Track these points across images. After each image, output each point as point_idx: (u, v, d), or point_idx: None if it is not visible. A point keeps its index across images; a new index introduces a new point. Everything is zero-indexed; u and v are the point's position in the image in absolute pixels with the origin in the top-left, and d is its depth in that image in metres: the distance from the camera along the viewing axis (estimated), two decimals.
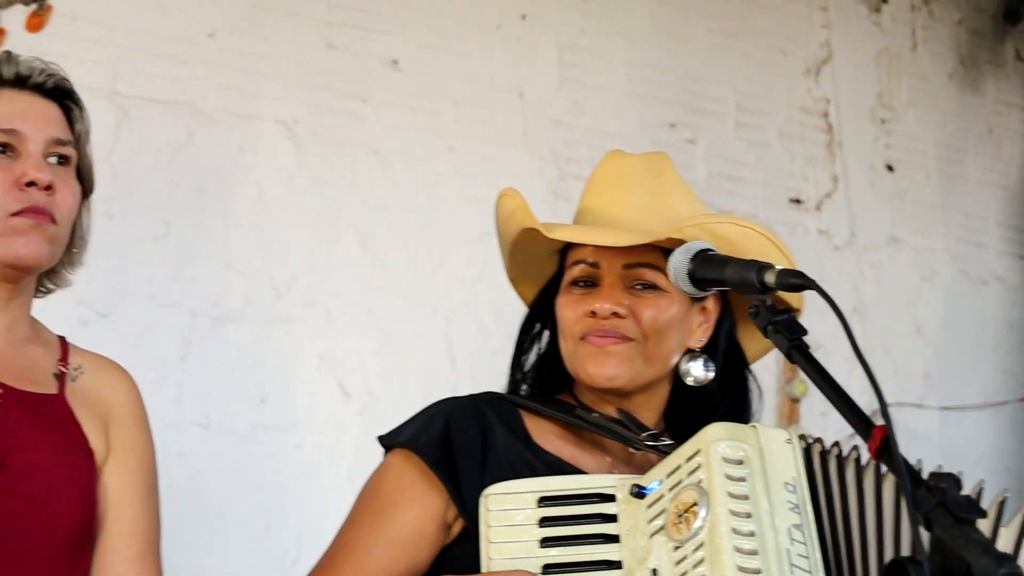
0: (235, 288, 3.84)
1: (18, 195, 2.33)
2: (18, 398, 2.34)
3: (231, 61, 3.91)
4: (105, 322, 3.68)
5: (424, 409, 2.46)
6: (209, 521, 3.74)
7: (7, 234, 2.33)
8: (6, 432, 2.29)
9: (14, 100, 2.39)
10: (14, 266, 2.36)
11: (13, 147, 2.36)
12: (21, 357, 2.41)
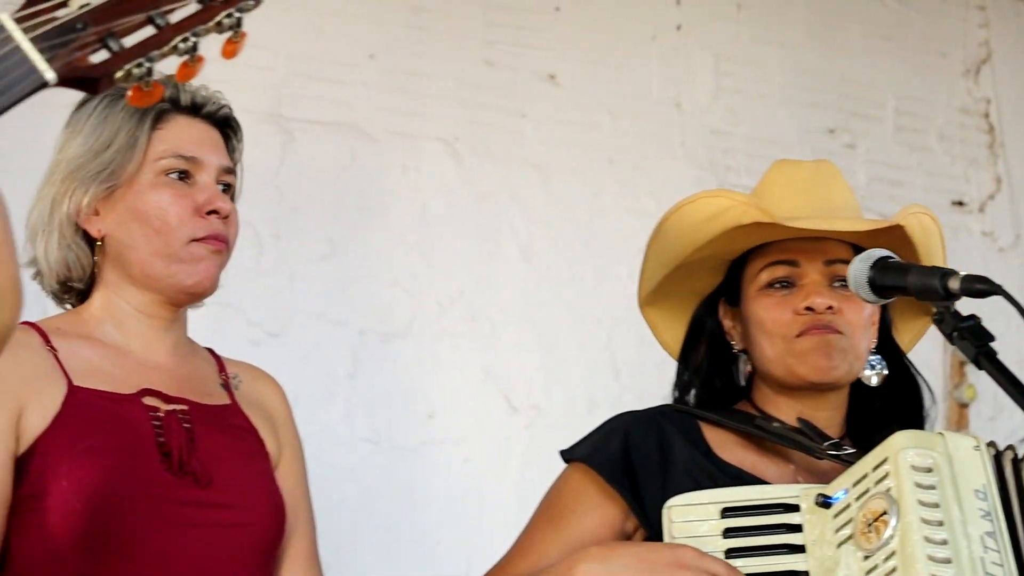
0: (401, 305, 3.86)
1: (200, 222, 2.38)
2: (203, 412, 2.39)
3: (392, 81, 3.93)
4: (275, 342, 3.72)
5: (602, 424, 2.49)
6: (380, 536, 3.76)
7: (187, 260, 2.38)
8: (204, 447, 2.33)
9: (191, 127, 2.44)
10: (190, 292, 2.41)
11: (191, 174, 2.41)
12: (193, 372, 2.46)
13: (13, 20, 1.41)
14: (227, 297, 3.63)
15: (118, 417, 2.30)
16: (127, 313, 2.41)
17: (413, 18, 3.98)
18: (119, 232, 2.38)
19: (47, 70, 1.40)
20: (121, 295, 2.41)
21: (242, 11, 1.50)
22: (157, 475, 2.26)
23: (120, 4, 1.44)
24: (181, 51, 1.47)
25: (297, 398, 3.71)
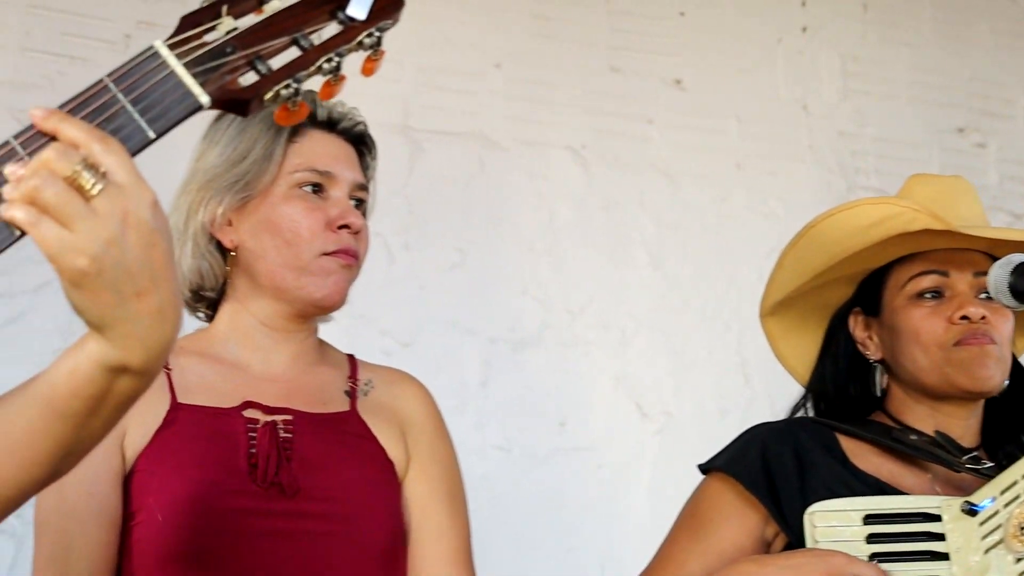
0: (531, 313, 3.87)
1: (331, 236, 2.39)
2: (309, 420, 2.37)
3: (518, 90, 3.95)
4: (407, 351, 3.74)
5: (738, 436, 2.51)
6: (513, 543, 3.77)
7: (317, 273, 2.38)
8: (301, 456, 2.33)
9: (326, 142, 2.45)
10: (319, 305, 2.42)
11: (324, 188, 2.42)
12: (309, 381, 2.45)
13: (167, 47, 1.44)
14: (359, 308, 3.67)
15: (216, 431, 2.31)
16: (251, 326, 2.43)
17: (538, 27, 3.99)
18: (251, 243, 2.40)
19: (201, 94, 1.43)
20: (249, 306, 2.43)
21: (382, 30, 1.52)
22: (244, 487, 2.27)
23: (266, 27, 1.46)
24: (325, 71, 1.49)
25: None
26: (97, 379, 1.45)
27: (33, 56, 3.57)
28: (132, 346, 1.42)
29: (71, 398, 1.47)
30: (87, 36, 3.60)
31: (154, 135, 1.42)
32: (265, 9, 1.47)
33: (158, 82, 1.43)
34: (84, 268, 1.36)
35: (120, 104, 1.42)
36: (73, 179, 1.35)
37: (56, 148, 1.36)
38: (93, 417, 1.49)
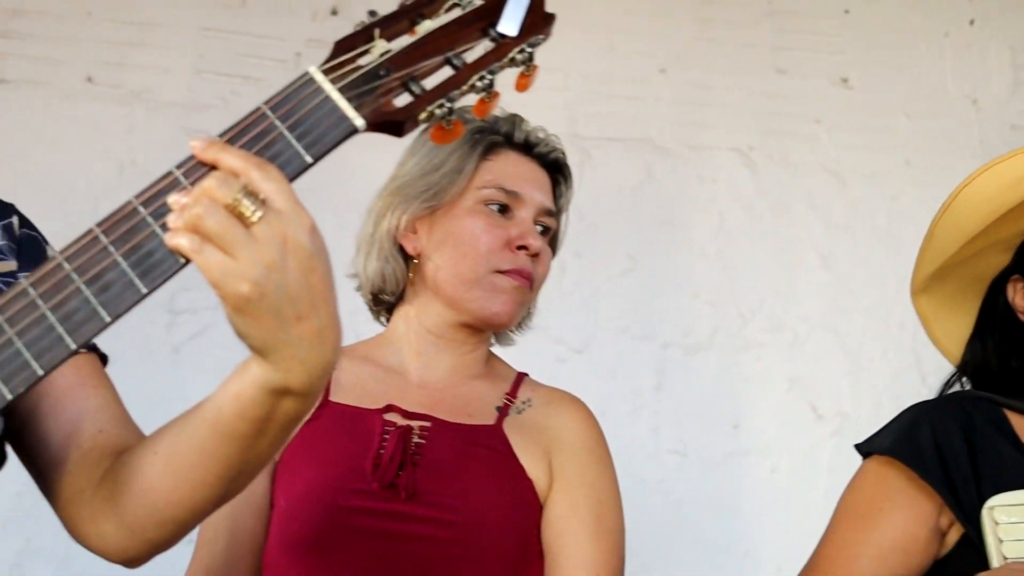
0: (703, 317, 3.83)
1: (508, 255, 2.40)
2: (446, 429, 2.38)
3: (684, 94, 3.91)
4: (580, 358, 3.74)
5: (902, 413, 2.37)
6: (690, 547, 3.74)
7: (489, 289, 2.40)
8: (429, 463, 2.32)
9: (519, 164, 2.46)
10: (487, 321, 2.43)
11: (510, 208, 2.43)
12: (461, 393, 2.46)
13: (321, 72, 1.44)
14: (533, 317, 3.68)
15: (354, 430, 2.34)
16: (419, 332, 2.46)
17: (701, 30, 3.95)
18: (432, 251, 2.42)
19: (356, 117, 1.43)
20: (421, 312, 2.45)
21: (533, 46, 1.50)
22: (364, 486, 2.28)
23: (419, 48, 1.46)
24: (478, 89, 1.48)
25: (604, 413, 3.71)
26: (261, 402, 1.47)
27: (207, 77, 3.64)
28: (294, 368, 1.43)
29: (237, 421, 1.49)
30: (258, 56, 3.65)
31: (311, 160, 1.42)
32: (417, 30, 1.47)
33: (314, 107, 1.43)
34: (246, 294, 1.37)
35: (278, 131, 1.43)
36: (234, 207, 1.36)
37: (217, 177, 1.37)
38: (260, 438, 1.51)
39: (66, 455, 1.67)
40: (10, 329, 1.42)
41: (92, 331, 1.41)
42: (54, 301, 1.42)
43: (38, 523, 3.32)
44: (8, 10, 3.55)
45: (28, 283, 1.42)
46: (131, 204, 1.42)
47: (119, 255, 1.41)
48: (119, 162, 3.55)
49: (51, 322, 1.41)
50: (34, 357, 1.42)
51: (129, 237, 1.41)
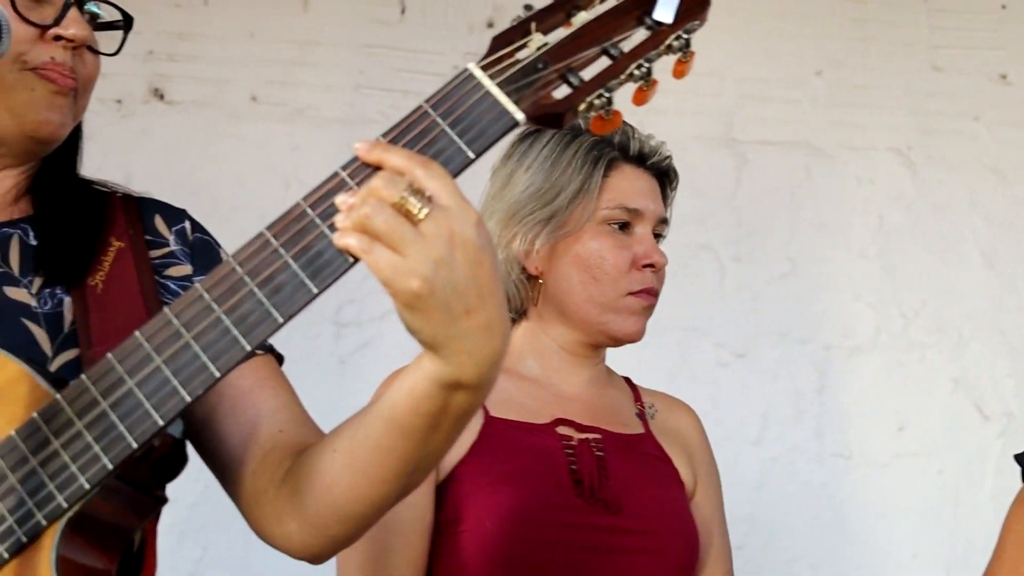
0: (865, 319, 3.77)
1: (636, 276, 2.41)
2: (616, 440, 2.40)
3: (840, 96, 3.85)
4: (742, 362, 3.70)
5: None
6: (856, 551, 3.68)
7: (621, 311, 2.41)
8: (615, 475, 2.34)
9: (636, 178, 2.46)
10: (619, 342, 2.44)
11: (631, 225, 2.43)
12: (608, 403, 2.48)
13: (480, 68, 1.44)
14: (693, 321, 3.65)
15: (532, 446, 2.34)
16: (550, 348, 2.46)
17: (857, 30, 3.88)
18: (557, 273, 2.43)
19: (516, 111, 1.42)
20: (549, 330, 2.46)
21: (689, 32, 1.48)
22: (569, 501, 2.28)
23: (576, 40, 1.45)
24: (636, 78, 1.46)
25: (766, 417, 3.70)
26: (434, 396, 1.47)
27: (367, 93, 3.67)
28: (464, 362, 1.43)
29: (412, 416, 1.49)
30: (417, 71, 3.68)
31: (473, 155, 1.42)
32: (573, 22, 1.46)
33: (474, 103, 1.43)
34: (417, 290, 1.38)
35: (439, 128, 1.43)
36: (401, 205, 1.37)
37: (383, 177, 1.38)
38: (435, 432, 1.51)
39: (247, 456, 1.69)
40: (187, 333, 1.44)
41: (266, 332, 1.43)
42: (228, 304, 1.44)
43: (214, 533, 3.37)
44: (174, 33, 3.62)
45: (203, 288, 1.45)
46: (299, 206, 1.45)
47: (289, 257, 1.43)
48: (284, 179, 3.59)
49: (226, 325, 1.43)
50: (211, 360, 1.44)
51: (298, 239, 1.43)
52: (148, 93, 3.60)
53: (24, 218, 1.79)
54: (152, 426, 1.46)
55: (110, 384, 1.47)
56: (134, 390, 1.46)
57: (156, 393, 1.45)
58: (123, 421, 1.46)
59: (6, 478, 1.48)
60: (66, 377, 1.61)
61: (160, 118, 3.60)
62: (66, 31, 1.71)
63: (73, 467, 1.47)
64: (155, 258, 1.79)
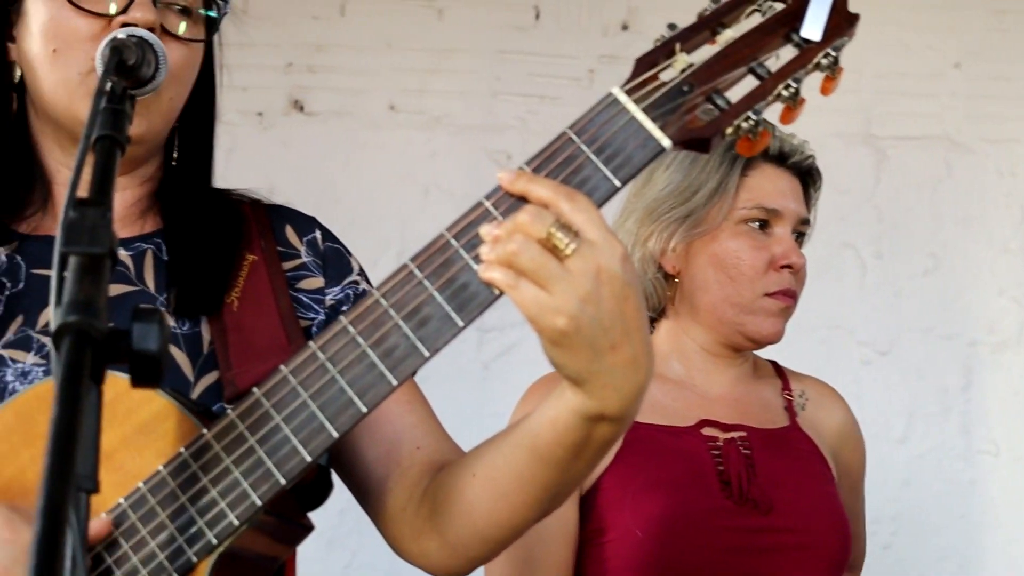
0: (1010, 313, 3.66)
1: (773, 276, 2.36)
2: (761, 437, 2.34)
3: (979, 88, 3.73)
4: (885, 360, 3.62)
5: None
6: (1005, 547, 3.59)
7: (757, 312, 2.36)
8: (763, 472, 2.29)
9: (776, 178, 2.40)
10: (757, 343, 2.39)
11: (769, 224, 2.38)
12: (755, 399, 2.42)
13: (624, 92, 1.38)
14: (835, 319, 3.57)
15: (677, 450, 2.29)
16: (692, 349, 2.42)
17: (995, 22, 3.76)
18: (694, 272, 2.39)
19: (662, 137, 1.37)
20: (687, 331, 2.42)
21: (838, 49, 1.42)
22: (719, 504, 2.24)
23: (722, 60, 1.39)
24: (784, 98, 1.40)
25: (912, 414, 3.60)
26: (577, 428, 1.43)
27: (504, 99, 3.64)
28: (608, 396, 1.39)
29: (554, 446, 1.46)
30: (553, 75, 3.64)
31: (620, 184, 1.37)
32: (719, 40, 1.39)
33: (619, 129, 1.37)
34: (563, 328, 1.34)
35: (584, 155, 1.38)
36: (547, 240, 1.33)
37: (529, 211, 1.34)
38: (576, 461, 1.48)
39: (386, 473, 1.67)
40: (333, 368, 1.41)
41: (412, 367, 1.39)
42: (374, 338, 1.40)
43: (362, 538, 3.36)
44: (312, 45, 3.62)
45: (347, 321, 1.41)
46: (443, 237, 1.40)
47: (434, 289, 1.39)
48: (424, 186, 3.58)
49: (372, 359, 1.40)
50: (357, 395, 1.40)
51: (443, 271, 1.39)
52: (288, 105, 3.60)
53: (156, 232, 1.74)
54: (300, 463, 1.43)
55: (257, 419, 1.44)
56: (281, 426, 1.43)
57: (303, 429, 1.42)
58: (271, 457, 1.43)
59: (156, 514, 1.45)
60: (208, 402, 1.60)
61: (300, 129, 3.60)
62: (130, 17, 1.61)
63: (222, 504, 1.44)
64: (288, 270, 1.75)
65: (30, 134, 1.73)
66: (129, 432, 1.48)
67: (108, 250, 1.19)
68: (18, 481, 1.49)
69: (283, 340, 1.64)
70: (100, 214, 1.21)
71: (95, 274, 1.17)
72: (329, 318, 1.72)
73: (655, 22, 3.55)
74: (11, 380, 1.60)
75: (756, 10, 1.39)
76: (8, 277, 1.67)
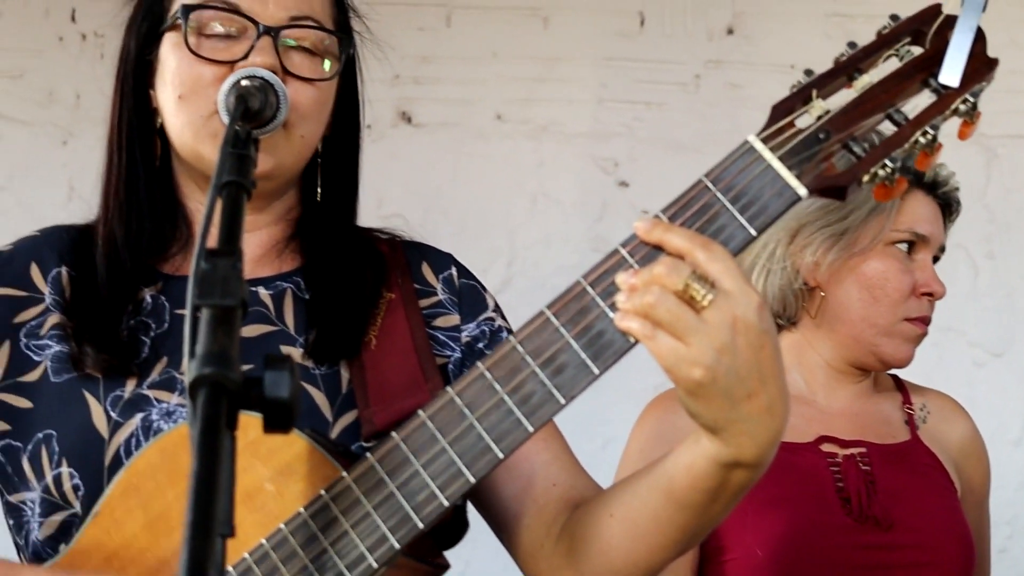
0: None
1: (915, 303, 2.37)
2: (881, 452, 2.33)
3: None
4: (999, 361, 3.59)
5: None
6: None
7: (895, 336, 2.36)
8: (884, 488, 2.27)
9: (927, 205, 2.42)
10: (888, 366, 2.39)
11: (915, 249, 2.39)
12: (874, 413, 2.41)
13: (760, 140, 1.38)
14: (947, 321, 3.52)
15: (796, 466, 2.28)
16: (815, 364, 2.42)
17: None
18: (838, 288, 2.38)
19: (799, 186, 1.37)
20: (815, 346, 2.41)
21: (976, 95, 1.41)
22: (839, 522, 2.24)
23: (858, 106, 1.39)
24: (921, 144, 1.39)
25: None
26: (713, 474, 1.45)
27: (610, 106, 3.64)
28: (744, 443, 1.41)
29: (690, 491, 1.48)
30: (659, 81, 3.64)
31: (755, 232, 1.38)
32: (855, 85, 1.39)
33: (755, 178, 1.38)
34: (699, 379, 1.35)
35: (720, 204, 1.39)
36: (684, 292, 1.34)
37: (665, 263, 1.35)
38: (713, 505, 1.49)
39: (522, 510, 1.69)
40: (470, 414, 1.43)
41: (548, 414, 1.41)
42: (511, 385, 1.42)
43: (475, 548, 3.37)
44: (418, 57, 3.63)
45: (485, 367, 1.43)
46: (579, 284, 1.41)
47: (571, 337, 1.40)
48: (531, 195, 3.59)
49: (509, 406, 1.42)
50: (494, 441, 1.42)
51: (579, 318, 1.40)
52: (396, 117, 3.63)
53: (295, 270, 1.78)
54: (438, 507, 1.45)
55: (396, 464, 1.46)
56: (419, 470, 1.45)
57: (441, 473, 1.44)
58: (409, 501, 1.45)
59: (297, 556, 1.48)
60: (346, 441, 1.63)
61: (408, 141, 3.62)
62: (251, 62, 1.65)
63: (362, 547, 1.46)
64: (424, 308, 1.77)
65: (173, 177, 1.78)
66: (271, 473, 1.51)
67: (239, 301, 1.22)
68: (164, 519, 1.54)
69: (420, 378, 1.67)
70: (230, 265, 1.24)
71: (227, 325, 1.20)
72: (465, 355, 1.75)
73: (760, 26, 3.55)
74: (156, 419, 1.64)
75: (893, 55, 1.39)
76: (153, 318, 1.72)
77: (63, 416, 1.65)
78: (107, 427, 1.63)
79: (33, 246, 1.78)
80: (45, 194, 3.54)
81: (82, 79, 3.60)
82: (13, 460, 1.66)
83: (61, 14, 3.63)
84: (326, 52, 1.73)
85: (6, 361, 1.70)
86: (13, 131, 3.61)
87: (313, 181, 1.80)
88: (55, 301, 1.72)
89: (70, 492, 1.61)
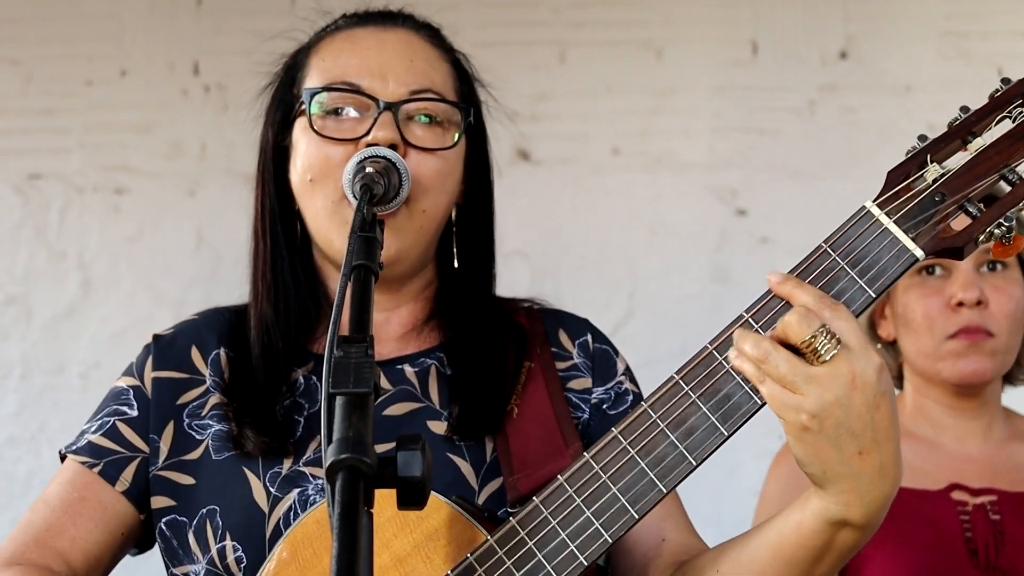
0: None
1: (950, 318, 2.36)
2: (1012, 501, 2.33)
3: None
4: None
5: None
6: None
7: (945, 357, 2.37)
8: (1015, 540, 2.27)
9: None
10: (965, 385, 2.38)
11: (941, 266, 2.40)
12: (1006, 459, 2.41)
13: (877, 205, 1.44)
14: None
15: (926, 515, 2.30)
16: (930, 407, 2.44)
17: None
18: (898, 334, 2.44)
19: (915, 248, 1.43)
20: (919, 390, 2.44)
21: None
22: (965, 573, 2.24)
23: (972, 168, 1.44)
24: None
25: None
26: (821, 532, 1.51)
27: (725, 135, 3.66)
28: (851, 502, 1.46)
29: (797, 548, 1.53)
30: (772, 108, 3.65)
31: (875, 295, 1.44)
32: (969, 148, 1.44)
33: (872, 242, 1.44)
34: (805, 424, 1.42)
35: (840, 267, 1.45)
36: (810, 343, 1.40)
37: (799, 313, 1.41)
38: (819, 564, 1.54)
39: (630, 562, 1.75)
40: (605, 475, 1.50)
41: (681, 475, 1.48)
42: (644, 448, 1.49)
43: None
44: (534, 94, 3.68)
45: (618, 431, 1.51)
46: (707, 349, 1.49)
47: (699, 399, 1.47)
48: (649, 226, 3.63)
49: (642, 468, 1.49)
50: (630, 503, 1.49)
51: (707, 382, 1.48)
52: (514, 155, 3.67)
53: (438, 345, 1.85)
54: (578, 567, 1.52)
55: (536, 525, 1.53)
56: (559, 531, 1.52)
57: (579, 535, 1.51)
58: (550, 561, 1.52)
59: None
60: (493, 507, 1.70)
61: (527, 178, 3.67)
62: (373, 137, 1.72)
63: None
64: (560, 370, 1.83)
65: (313, 258, 1.87)
66: (420, 538, 1.59)
67: (372, 387, 1.29)
68: None
69: (560, 443, 1.73)
70: (362, 352, 1.32)
71: (361, 410, 1.27)
72: (592, 416, 1.81)
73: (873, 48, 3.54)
74: (312, 494, 1.72)
75: (1006, 116, 1.43)
76: (306, 398, 1.80)
77: (226, 492, 1.73)
78: (267, 502, 1.71)
79: (193, 329, 1.88)
80: (174, 244, 3.66)
81: (207, 130, 3.71)
82: (179, 534, 1.75)
83: (184, 68, 3.74)
84: (448, 122, 1.79)
85: (171, 440, 1.79)
86: (142, 184, 3.71)
87: (450, 251, 1.87)
88: (215, 382, 1.82)
89: (233, 564, 1.70)
